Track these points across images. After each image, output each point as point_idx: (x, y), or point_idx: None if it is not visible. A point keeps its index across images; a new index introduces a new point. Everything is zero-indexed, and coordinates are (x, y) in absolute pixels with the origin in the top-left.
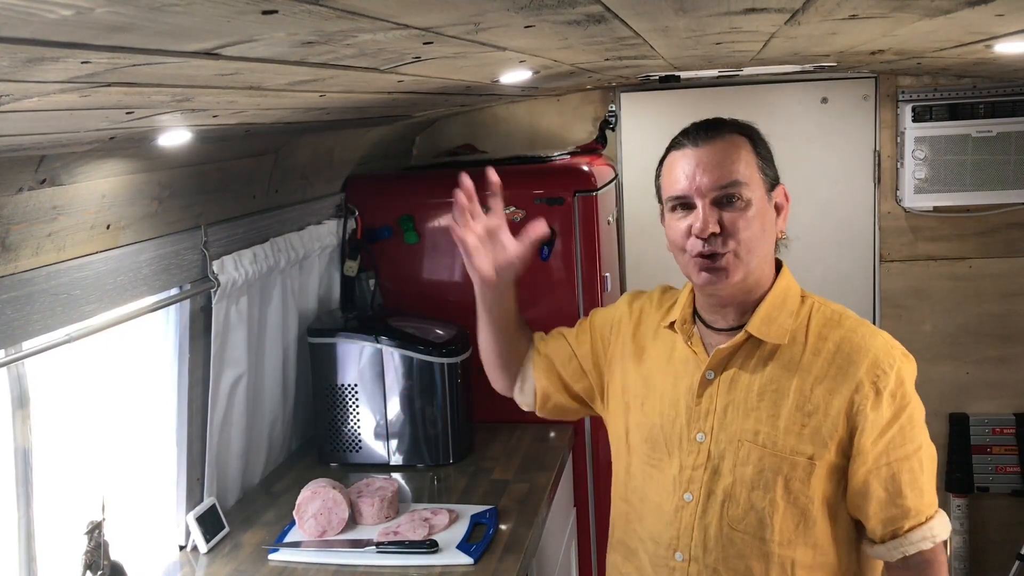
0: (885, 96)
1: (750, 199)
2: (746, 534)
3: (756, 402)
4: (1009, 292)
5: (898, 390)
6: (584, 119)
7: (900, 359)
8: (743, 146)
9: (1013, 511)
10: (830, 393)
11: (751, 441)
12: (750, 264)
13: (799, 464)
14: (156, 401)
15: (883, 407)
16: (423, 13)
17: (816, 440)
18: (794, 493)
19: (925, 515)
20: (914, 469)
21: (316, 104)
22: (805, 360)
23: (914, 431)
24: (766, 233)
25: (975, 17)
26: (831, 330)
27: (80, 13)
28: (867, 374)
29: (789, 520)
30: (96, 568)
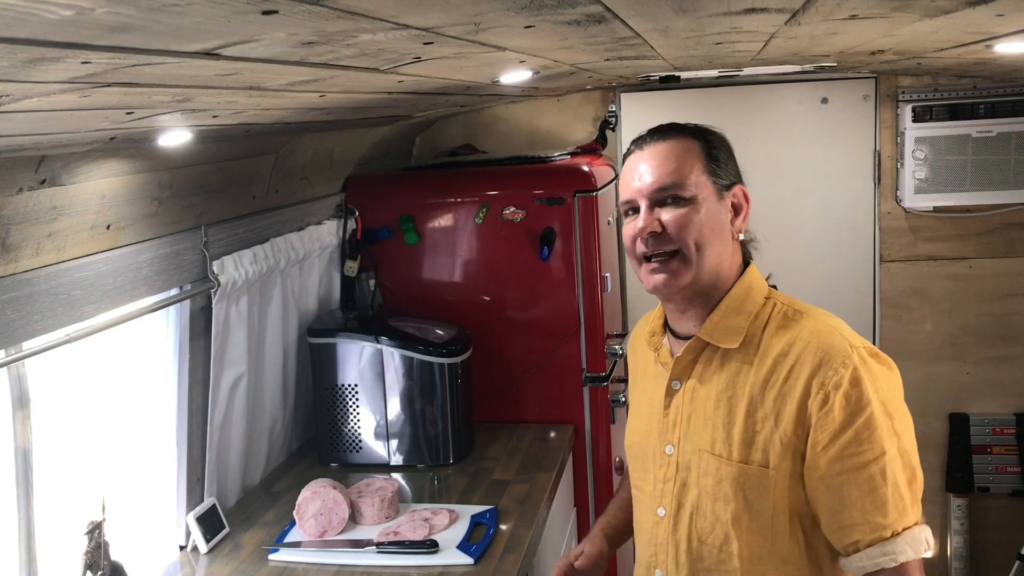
0: (885, 96)
1: (694, 198)
2: (714, 548)
3: (713, 410)
4: (1009, 292)
5: (853, 392)
6: (584, 119)
7: (859, 359)
8: (690, 148)
9: (1013, 511)
10: (782, 397)
11: (708, 451)
12: (700, 265)
13: (753, 473)
14: (156, 401)
15: (834, 410)
16: (423, 13)
17: (771, 448)
18: (754, 504)
19: (890, 530)
20: (873, 479)
21: (316, 104)
22: (758, 364)
23: (874, 437)
24: (716, 234)
25: (975, 17)
26: (786, 331)
27: (80, 13)
28: (818, 375)
29: (755, 534)
30: (96, 568)
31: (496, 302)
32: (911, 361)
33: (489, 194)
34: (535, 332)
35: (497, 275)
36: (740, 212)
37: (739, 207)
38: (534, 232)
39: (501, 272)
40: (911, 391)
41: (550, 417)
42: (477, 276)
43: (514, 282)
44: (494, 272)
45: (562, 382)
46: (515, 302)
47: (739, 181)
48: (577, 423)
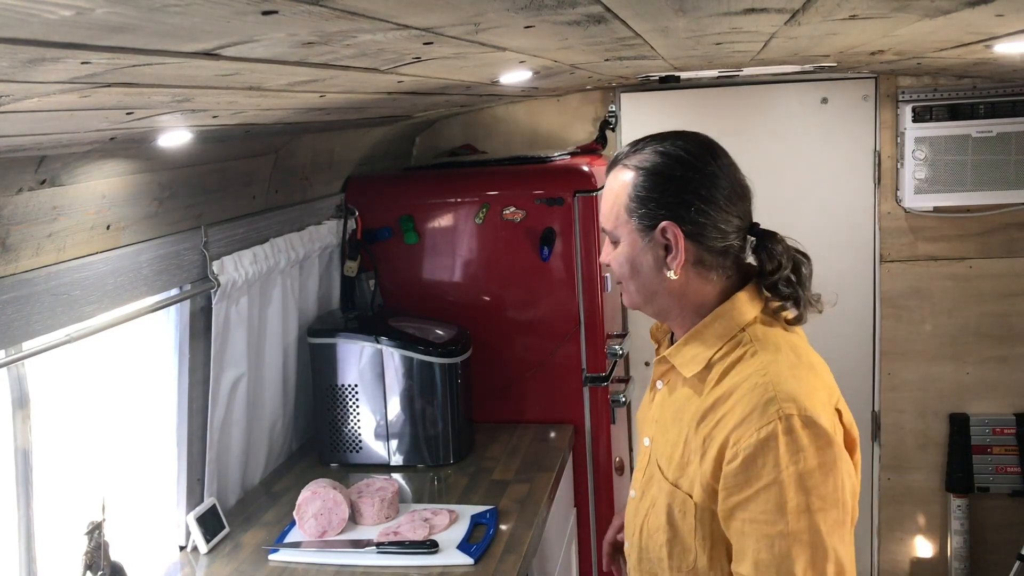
0: (885, 96)
1: (618, 240)
2: (657, 546)
3: (669, 425)
4: (1009, 292)
5: (762, 457)
6: (584, 119)
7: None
8: (622, 185)
9: (1013, 511)
10: (709, 440)
11: (658, 461)
12: (635, 297)
13: (679, 497)
14: (156, 401)
15: (738, 468)
16: (423, 14)
17: (695, 481)
18: (678, 525)
19: None
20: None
21: (316, 104)
22: (703, 399)
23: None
24: (641, 272)
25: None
26: (737, 374)
27: (80, 13)
28: (735, 432)
29: (679, 549)
30: (96, 568)
31: (496, 302)
32: (911, 361)
33: (489, 194)
34: (535, 332)
35: (497, 275)
36: (672, 251)
37: (669, 247)
38: (534, 232)
39: (501, 272)
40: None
41: (550, 417)
42: (477, 276)
43: (514, 282)
44: (494, 272)
45: (562, 382)
46: (515, 302)
47: (670, 217)
48: (577, 423)
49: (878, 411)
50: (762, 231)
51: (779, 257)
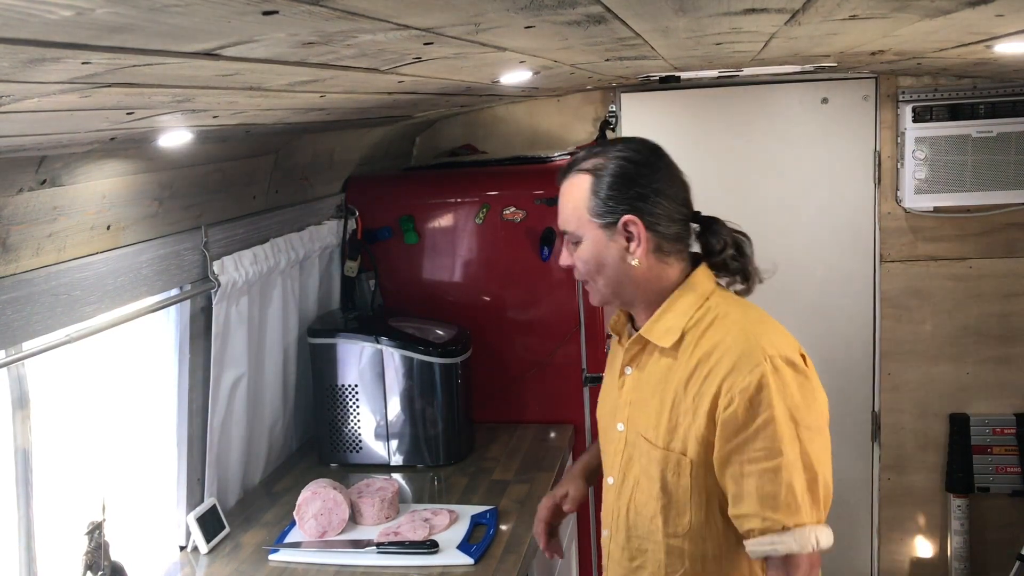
0: (885, 96)
1: (581, 238)
2: (646, 519)
3: (649, 398)
4: (1009, 292)
5: (756, 397)
6: (584, 119)
7: (770, 367)
8: (579, 188)
9: (1013, 511)
10: (699, 396)
11: (643, 435)
12: (603, 291)
13: (673, 460)
14: (156, 402)
15: (738, 412)
16: (423, 14)
17: (688, 438)
18: (672, 487)
19: (780, 523)
20: (768, 477)
21: (316, 105)
22: (685, 362)
23: (773, 440)
24: (607, 265)
25: (975, 17)
26: (715, 335)
27: (80, 14)
28: (726, 380)
29: (674, 512)
30: (96, 568)
31: (496, 302)
32: (911, 361)
33: (489, 194)
34: (535, 332)
35: (497, 275)
36: (634, 241)
37: (631, 236)
38: (534, 232)
39: (501, 272)
40: (912, 391)
41: (550, 417)
42: (477, 276)
43: (514, 282)
44: (494, 272)
45: (562, 382)
46: (515, 302)
47: (633, 209)
48: (577, 423)
49: (878, 411)
50: (705, 217)
51: (725, 238)
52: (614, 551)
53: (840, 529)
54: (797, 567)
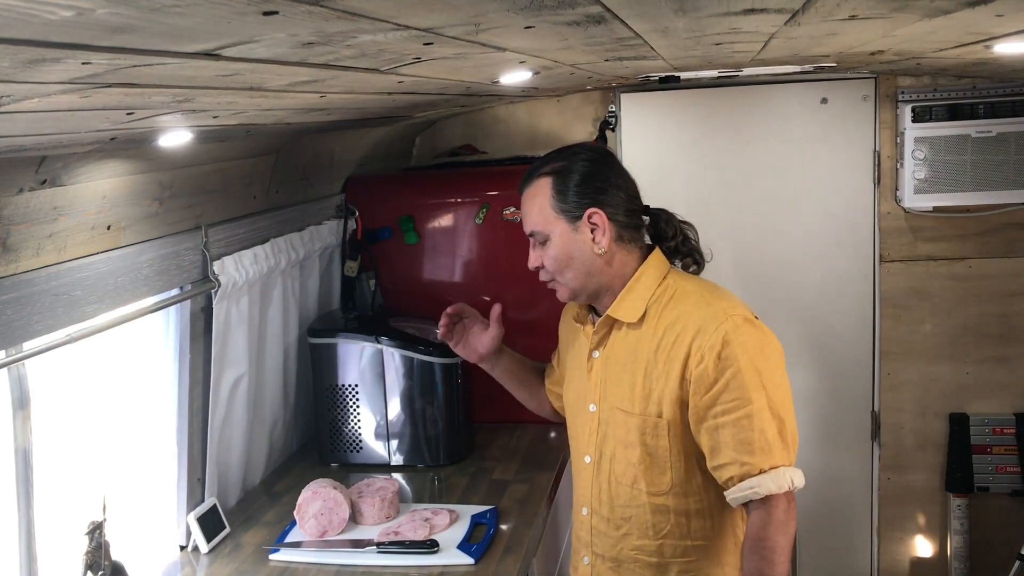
0: (885, 96)
1: (548, 236)
2: (627, 487)
3: (620, 372)
4: (1009, 292)
5: (723, 351)
6: (584, 120)
7: (732, 325)
8: (542, 191)
9: (1013, 511)
10: (670, 360)
11: (619, 407)
12: (570, 284)
13: (651, 423)
14: (157, 402)
15: (708, 368)
16: (423, 14)
17: (663, 401)
18: (652, 448)
19: (758, 467)
20: (742, 425)
21: (316, 105)
22: (652, 333)
23: (742, 390)
24: (575, 257)
25: (975, 18)
26: (677, 306)
27: (81, 14)
28: (695, 340)
29: (655, 473)
30: (97, 568)
31: (496, 302)
32: (911, 361)
33: (489, 194)
34: (535, 332)
35: (497, 275)
36: (598, 230)
37: (595, 228)
38: None
39: (501, 272)
40: (911, 391)
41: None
42: (477, 276)
43: (514, 282)
44: (494, 272)
45: None
46: (515, 302)
47: (594, 204)
48: None
49: (878, 411)
50: (655, 210)
51: (676, 226)
52: (598, 524)
53: (840, 529)
54: (776, 506)
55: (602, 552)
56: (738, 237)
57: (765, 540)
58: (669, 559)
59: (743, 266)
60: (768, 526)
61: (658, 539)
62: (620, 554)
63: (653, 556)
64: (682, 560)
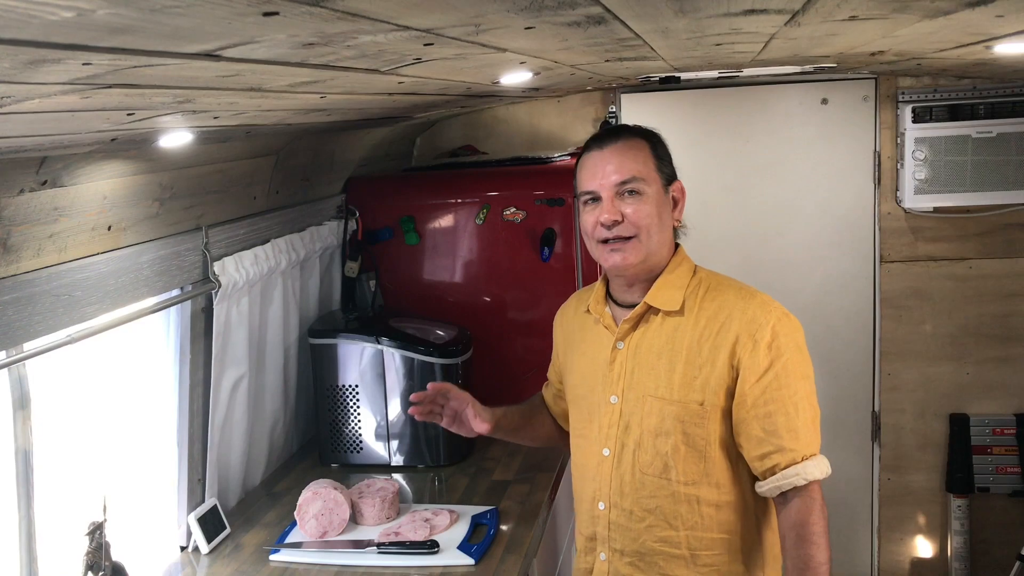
0: (885, 97)
1: (647, 191)
2: (655, 476)
3: (655, 361)
4: (1009, 292)
5: (773, 342)
6: (584, 120)
7: (776, 317)
8: (642, 147)
9: (1013, 511)
10: (715, 348)
11: (652, 395)
12: (649, 246)
13: (692, 410)
14: (157, 402)
15: (759, 356)
16: (424, 15)
17: (706, 388)
18: (691, 436)
19: (801, 455)
20: (789, 412)
21: (317, 105)
22: (694, 322)
23: (790, 379)
24: (662, 221)
25: (975, 18)
26: (716, 295)
27: (81, 15)
28: (745, 328)
29: (690, 461)
30: (97, 569)
31: (497, 303)
32: (911, 361)
33: (490, 195)
34: (536, 333)
35: (498, 276)
36: (678, 204)
37: (677, 200)
38: (534, 233)
39: (502, 273)
40: (911, 391)
41: None
42: (478, 277)
43: (515, 283)
44: (495, 273)
45: None
46: (516, 303)
47: (676, 177)
48: None
49: (878, 411)
50: None
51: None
52: (618, 518)
53: (840, 529)
54: (818, 490)
55: (622, 547)
56: (738, 237)
57: (811, 526)
58: (695, 551)
59: (743, 266)
60: (812, 512)
61: (684, 530)
62: (643, 547)
63: (679, 548)
64: (708, 553)
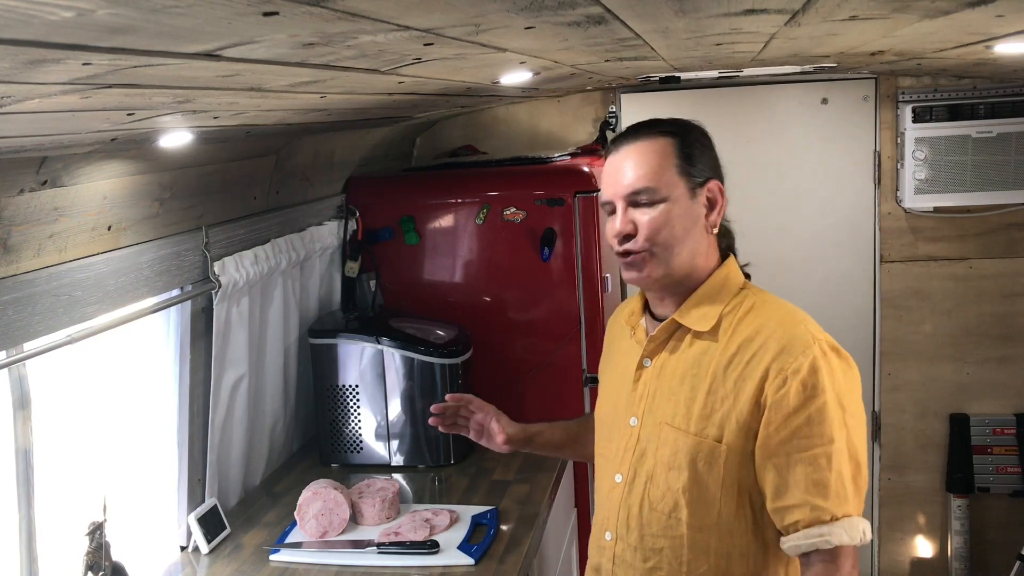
0: (885, 97)
1: (664, 198)
2: (663, 515)
3: (678, 386)
4: (1009, 292)
5: (809, 379)
6: (584, 120)
7: (819, 351)
8: (662, 148)
9: (1013, 511)
10: (742, 379)
11: (669, 423)
12: (669, 260)
13: (707, 446)
14: (157, 402)
15: (790, 395)
16: (424, 14)
17: (727, 424)
18: (703, 476)
19: (829, 514)
20: (819, 464)
21: (317, 105)
22: (724, 347)
23: (825, 426)
24: (687, 231)
25: (975, 18)
26: (756, 319)
27: (81, 15)
28: (776, 361)
29: (702, 504)
30: (97, 569)
31: (497, 303)
32: (911, 361)
33: (490, 195)
34: (536, 333)
35: (498, 276)
36: (715, 207)
37: (714, 202)
38: (535, 233)
39: (502, 273)
40: (912, 391)
41: (551, 417)
42: (478, 277)
43: (515, 283)
44: (495, 273)
45: (563, 383)
46: (516, 303)
47: (715, 175)
48: None
49: (878, 411)
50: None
51: (726, 227)
52: (623, 553)
53: None
54: (845, 559)
55: None
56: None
57: None
58: None
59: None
60: None
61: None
62: None
63: None
64: None
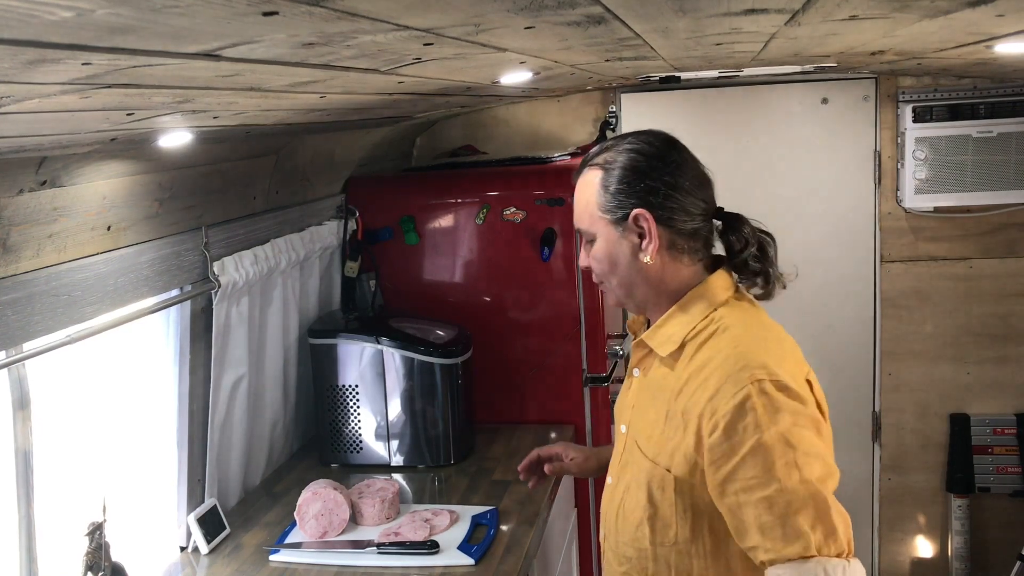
0: (885, 96)
1: (594, 237)
2: (632, 526)
3: (648, 406)
4: (1010, 292)
5: (739, 422)
6: (584, 120)
7: (757, 390)
8: (588, 184)
9: (1014, 511)
10: (687, 412)
11: (637, 442)
12: (618, 292)
13: (658, 473)
14: (157, 402)
15: (720, 437)
16: (423, 14)
17: (675, 455)
18: (657, 501)
19: (785, 556)
20: (766, 507)
21: (316, 105)
22: (678, 375)
23: (763, 468)
24: (620, 264)
25: (975, 18)
26: (709, 348)
27: (81, 15)
28: (711, 401)
29: (660, 523)
30: (97, 569)
31: (497, 303)
32: (912, 361)
33: (490, 195)
34: (536, 333)
35: (498, 276)
36: (645, 237)
37: (642, 233)
38: (534, 232)
39: (502, 273)
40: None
41: (551, 418)
42: (478, 277)
43: (515, 283)
44: (495, 273)
45: (563, 383)
46: (516, 303)
47: (641, 204)
48: (578, 424)
49: (878, 411)
50: (728, 214)
51: (746, 236)
52: (607, 553)
53: None
54: None
55: None
56: None
57: None
58: None
59: None
60: None
61: None
62: None
63: None
64: None
